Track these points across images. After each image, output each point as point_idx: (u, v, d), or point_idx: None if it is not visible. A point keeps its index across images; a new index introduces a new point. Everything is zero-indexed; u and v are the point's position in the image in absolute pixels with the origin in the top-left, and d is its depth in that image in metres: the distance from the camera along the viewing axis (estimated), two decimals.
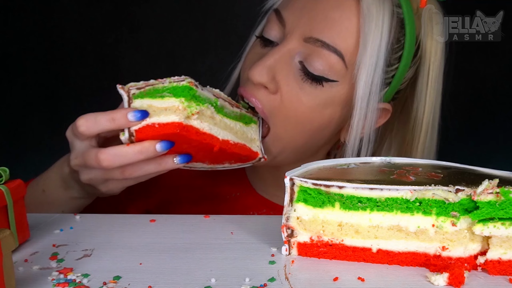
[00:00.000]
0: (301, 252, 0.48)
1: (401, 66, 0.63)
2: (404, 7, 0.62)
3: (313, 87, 0.60)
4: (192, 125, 0.52)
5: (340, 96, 0.62)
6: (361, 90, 0.60)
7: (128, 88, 0.54)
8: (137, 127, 0.52)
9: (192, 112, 0.52)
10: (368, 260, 0.46)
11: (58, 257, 0.47)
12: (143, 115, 0.51)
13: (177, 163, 0.55)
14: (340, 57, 0.59)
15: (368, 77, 0.60)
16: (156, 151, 0.52)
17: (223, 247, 0.49)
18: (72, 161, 0.56)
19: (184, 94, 0.52)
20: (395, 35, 0.62)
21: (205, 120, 0.54)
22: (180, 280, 0.42)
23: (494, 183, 0.42)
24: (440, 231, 0.44)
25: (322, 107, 0.62)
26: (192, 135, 0.53)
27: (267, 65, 0.60)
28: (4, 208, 0.48)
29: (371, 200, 0.44)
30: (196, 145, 0.54)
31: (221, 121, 0.57)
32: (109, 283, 0.42)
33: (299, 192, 0.46)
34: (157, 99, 0.52)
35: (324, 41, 0.59)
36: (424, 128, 0.68)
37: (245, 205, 0.74)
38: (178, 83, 0.52)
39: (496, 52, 1.52)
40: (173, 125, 0.51)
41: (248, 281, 0.42)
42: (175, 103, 0.51)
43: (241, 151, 0.59)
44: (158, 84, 0.53)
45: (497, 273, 0.43)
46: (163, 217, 0.58)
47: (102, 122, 0.51)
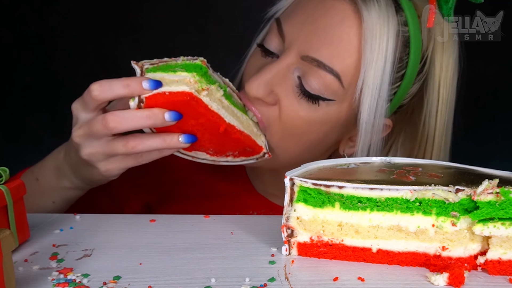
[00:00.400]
0: (301, 252, 0.48)
1: (403, 84, 0.62)
2: (411, 25, 0.60)
3: (309, 104, 0.60)
4: (202, 99, 0.53)
5: (338, 115, 0.61)
6: (366, 113, 0.59)
7: (142, 63, 0.55)
8: (148, 94, 0.52)
9: (203, 87, 0.53)
10: (368, 260, 0.46)
11: (58, 257, 0.47)
12: (157, 84, 0.51)
13: (181, 141, 0.54)
14: (336, 77, 0.58)
15: (373, 101, 0.58)
16: (164, 119, 0.51)
17: (223, 247, 0.49)
18: (75, 132, 0.54)
19: (196, 70, 0.53)
20: (400, 55, 0.60)
21: (214, 99, 0.55)
22: (180, 280, 0.42)
23: (494, 183, 0.42)
24: (440, 231, 0.44)
25: (319, 123, 0.61)
26: (201, 107, 0.53)
27: (264, 80, 0.60)
28: (4, 208, 0.48)
29: (371, 200, 0.44)
30: (203, 122, 0.55)
31: (229, 107, 0.57)
32: (109, 283, 0.42)
33: (299, 192, 0.46)
34: (169, 73, 0.53)
35: (321, 61, 0.58)
36: (437, 141, 0.66)
37: (245, 204, 0.74)
38: (191, 61, 0.55)
39: (496, 52, 1.52)
40: (184, 94, 0.51)
41: (248, 281, 0.42)
42: (187, 77, 0.52)
43: (246, 140, 0.59)
44: (171, 61, 0.55)
45: (497, 273, 0.43)
46: (163, 217, 0.58)
47: (116, 87, 0.51)
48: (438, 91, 0.64)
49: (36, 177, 0.64)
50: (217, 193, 0.76)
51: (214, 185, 0.76)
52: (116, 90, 0.51)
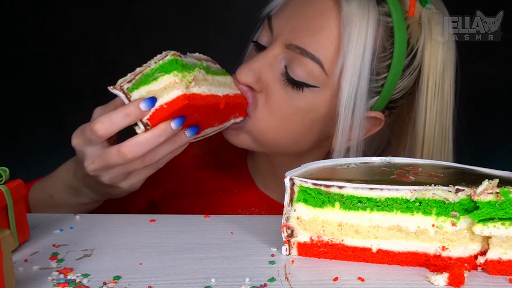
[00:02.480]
0: (301, 252, 0.48)
1: (390, 75, 0.63)
2: (394, 15, 0.62)
3: (294, 91, 0.62)
4: (194, 92, 0.53)
5: (323, 102, 0.63)
6: (345, 98, 0.60)
7: (120, 85, 0.54)
8: (148, 115, 0.53)
9: (189, 80, 0.53)
10: (368, 260, 0.46)
11: (58, 257, 0.47)
12: (153, 101, 0.52)
13: (188, 136, 0.56)
14: (318, 64, 0.60)
15: (352, 86, 0.60)
16: (173, 129, 0.53)
17: (223, 247, 0.49)
18: (89, 167, 0.56)
19: (173, 67, 0.52)
20: (382, 44, 0.61)
21: (201, 83, 0.55)
22: (180, 280, 0.42)
23: (494, 183, 0.42)
24: (440, 231, 0.44)
25: (305, 111, 0.63)
26: (198, 101, 0.54)
27: (252, 67, 0.63)
28: (4, 208, 0.48)
29: (371, 200, 0.44)
30: (204, 110, 0.56)
31: (213, 79, 0.58)
32: (109, 283, 0.42)
33: (299, 192, 0.46)
34: (152, 83, 0.53)
35: (303, 48, 0.60)
36: (427, 141, 0.66)
37: (246, 200, 0.75)
38: (163, 60, 0.53)
39: (496, 52, 1.52)
40: (180, 99, 0.52)
41: (248, 281, 0.42)
42: (171, 79, 0.52)
43: (239, 100, 0.62)
44: (146, 69, 0.54)
45: (497, 273, 0.43)
46: (163, 217, 0.58)
47: (118, 120, 0.52)
48: (427, 86, 0.64)
49: (50, 194, 0.65)
50: (219, 190, 0.77)
51: (216, 182, 0.77)
52: (119, 122, 0.52)
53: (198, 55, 0.59)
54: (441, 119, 0.66)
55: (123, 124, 0.52)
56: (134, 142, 0.53)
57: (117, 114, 0.52)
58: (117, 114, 0.52)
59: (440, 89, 0.65)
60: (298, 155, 0.70)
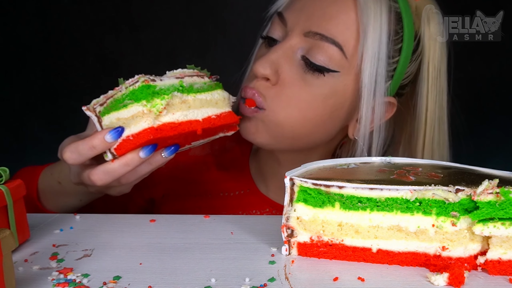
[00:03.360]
0: (301, 252, 0.48)
1: (401, 59, 0.65)
2: (401, 1, 0.64)
3: (315, 77, 0.62)
4: (165, 122, 0.51)
5: (344, 87, 0.63)
6: (367, 80, 0.62)
7: (93, 107, 0.53)
8: (115, 145, 0.51)
9: (159, 110, 0.50)
10: (368, 260, 0.46)
11: (58, 257, 0.47)
12: (119, 133, 0.51)
13: (165, 156, 0.55)
14: (339, 48, 0.61)
15: (372, 68, 0.62)
16: (141, 158, 0.52)
17: (223, 247, 0.49)
18: (73, 180, 0.57)
19: (143, 95, 0.50)
20: (394, 27, 0.63)
21: (177, 109, 0.52)
22: (180, 280, 0.42)
23: (494, 183, 0.42)
24: (440, 231, 0.44)
25: (325, 96, 0.63)
26: (168, 132, 0.51)
27: (270, 59, 0.63)
28: (4, 208, 0.48)
29: (371, 200, 0.44)
30: (178, 136, 0.53)
31: (195, 100, 0.54)
32: (109, 283, 0.42)
33: (299, 192, 0.46)
34: (121, 110, 0.51)
35: (323, 33, 0.61)
36: (429, 126, 0.68)
37: (248, 203, 0.75)
38: (134, 86, 0.50)
39: (496, 52, 1.52)
40: (146, 132, 0.50)
41: (248, 281, 0.42)
42: (139, 108, 0.50)
43: (227, 121, 0.58)
44: (117, 93, 0.51)
45: (497, 273, 0.43)
46: (163, 217, 0.58)
47: (84, 152, 0.52)
48: (428, 72, 0.67)
49: (58, 180, 0.66)
50: (220, 192, 0.77)
51: (218, 184, 0.77)
52: (85, 154, 0.52)
53: (181, 71, 0.55)
54: (439, 105, 0.68)
55: (90, 155, 0.52)
56: (102, 170, 0.53)
57: (84, 145, 0.52)
58: (83, 146, 0.52)
59: (438, 76, 0.67)
60: (307, 152, 0.70)
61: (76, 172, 0.56)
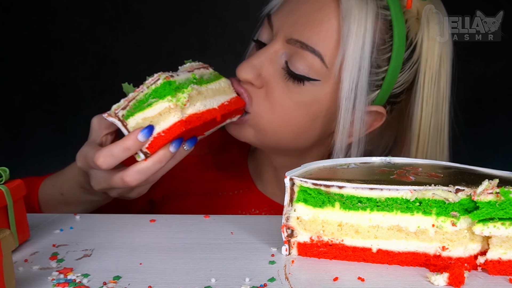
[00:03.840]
0: (301, 252, 0.48)
1: (390, 68, 0.63)
2: (392, 8, 0.62)
3: (295, 85, 0.62)
4: (190, 113, 0.54)
5: (325, 95, 0.63)
6: (345, 91, 0.60)
7: (115, 112, 0.55)
8: (147, 144, 0.53)
9: (183, 103, 0.53)
10: (368, 260, 0.46)
11: (58, 257, 0.47)
12: (150, 131, 0.53)
13: (187, 149, 0.57)
14: (318, 57, 0.60)
15: (352, 78, 0.60)
16: (172, 153, 0.54)
17: (223, 247, 0.49)
18: (96, 187, 0.58)
19: (167, 92, 0.52)
20: (381, 36, 0.61)
21: (196, 100, 0.55)
22: (180, 280, 0.42)
23: (494, 183, 0.42)
24: (440, 231, 0.44)
25: (307, 104, 0.63)
26: (195, 122, 0.54)
27: (252, 63, 0.63)
28: (4, 208, 0.48)
29: (371, 200, 0.44)
30: (202, 125, 0.56)
31: (208, 90, 0.58)
32: (109, 283, 0.42)
33: (299, 192, 0.46)
34: (147, 109, 0.53)
35: (303, 42, 0.61)
36: (422, 135, 0.67)
37: (247, 202, 0.75)
38: (156, 85, 0.53)
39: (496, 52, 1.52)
40: (177, 126, 0.53)
41: (248, 281, 0.42)
42: (165, 104, 0.52)
43: (237, 105, 0.61)
44: (139, 95, 0.54)
45: (497, 273, 0.43)
46: (163, 217, 0.58)
47: (119, 154, 0.53)
48: (424, 80, 0.65)
49: (61, 192, 0.66)
50: (220, 191, 0.77)
51: (217, 183, 0.77)
52: (120, 156, 0.53)
53: (189, 65, 0.59)
54: (436, 114, 0.66)
55: (124, 157, 0.54)
56: (136, 170, 0.54)
57: (117, 148, 0.53)
58: (117, 148, 0.53)
59: (436, 83, 0.65)
60: (299, 155, 0.70)
61: (103, 178, 0.56)
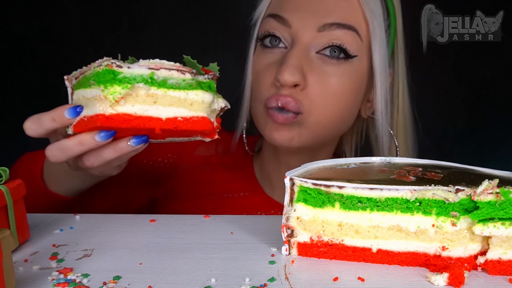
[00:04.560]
0: (301, 252, 0.48)
1: (391, 33, 0.69)
2: None
3: (335, 67, 0.64)
4: (120, 112, 0.47)
5: (362, 70, 0.66)
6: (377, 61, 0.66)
7: (71, 78, 0.52)
8: (74, 122, 0.50)
9: (115, 99, 0.46)
10: (368, 260, 0.46)
11: (58, 257, 0.47)
12: (77, 112, 0.49)
13: (131, 145, 0.51)
14: (355, 31, 0.64)
15: (381, 47, 0.65)
16: (96, 141, 0.49)
17: (223, 247, 0.49)
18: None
19: (104, 80, 0.46)
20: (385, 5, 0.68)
21: (139, 102, 0.47)
22: (180, 280, 0.42)
23: (494, 183, 0.42)
24: (440, 231, 0.44)
25: (349, 84, 0.66)
26: (120, 123, 0.47)
27: (293, 65, 0.62)
28: (4, 208, 0.48)
29: (371, 200, 0.44)
30: (137, 130, 0.49)
31: (165, 96, 0.48)
32: (109, 283, 0.42)
33: (299, 192, 0.46)
34: (86, 89, 0.49)
35: (338, 22, 0.64)
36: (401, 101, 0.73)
37: (253, 204, 0.75)
38: (99, 68, 0.47)
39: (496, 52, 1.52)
40: (97, 118, 0.47)
41: (248, 281, 0.42)
42: (98, 92, 0.47)
43: (196, 127, 0.50)
44: (88, 71, 0.49)
45: (497, 273, 0.43)
46: (163, 217, 0.58)
47: (45, 122, 0.51)
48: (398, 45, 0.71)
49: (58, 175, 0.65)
50: (225, 192, 0.77)
51: (223, 184, 0.77)
52: (46, 125, 0.51)
53: (159, 62, 0.49)
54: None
55: (50, 127, 0.51)
56: (56, 147, 0.51)
57: (45, 116, 0.51)
58: (45, 116, 0.51)
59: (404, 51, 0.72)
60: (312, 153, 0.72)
61: None
